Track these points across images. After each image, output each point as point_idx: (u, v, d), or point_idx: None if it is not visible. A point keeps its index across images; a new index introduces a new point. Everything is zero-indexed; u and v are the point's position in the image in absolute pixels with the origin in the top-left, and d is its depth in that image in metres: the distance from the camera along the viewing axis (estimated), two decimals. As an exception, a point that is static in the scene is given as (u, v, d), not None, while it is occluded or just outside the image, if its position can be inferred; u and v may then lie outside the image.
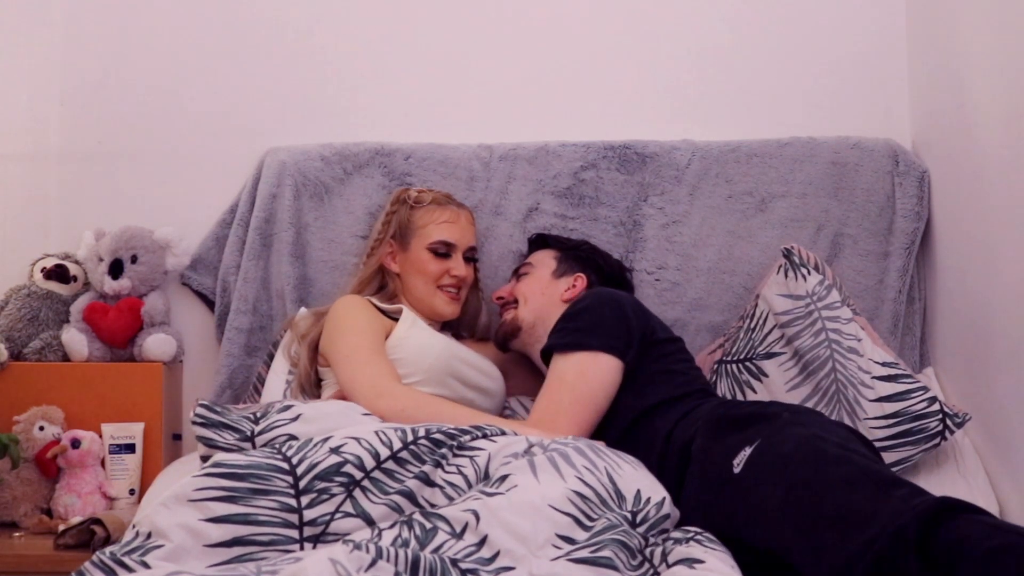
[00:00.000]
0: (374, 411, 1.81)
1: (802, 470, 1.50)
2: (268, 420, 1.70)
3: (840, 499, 1.42)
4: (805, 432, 1.60)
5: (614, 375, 1.95)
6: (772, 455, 1.57)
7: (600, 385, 1.93)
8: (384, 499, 1.48)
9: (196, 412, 1.69)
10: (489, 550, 1.37)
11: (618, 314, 1.99)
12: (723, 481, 1.62)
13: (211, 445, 1.66)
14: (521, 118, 2.55)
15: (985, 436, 2.11)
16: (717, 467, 1.64)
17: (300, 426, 1.68)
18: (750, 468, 1.58)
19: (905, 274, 2.38)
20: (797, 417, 1.72)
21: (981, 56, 2.13)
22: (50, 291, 2.40)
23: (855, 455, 1.54)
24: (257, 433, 1.67)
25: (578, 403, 1.91)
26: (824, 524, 1.40)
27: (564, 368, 1.95)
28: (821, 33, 2.54)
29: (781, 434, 1.62)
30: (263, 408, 1.77)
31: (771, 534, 1.50)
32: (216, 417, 1.69)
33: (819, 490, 1.46)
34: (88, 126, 2.55)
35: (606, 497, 1.51)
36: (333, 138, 2.50)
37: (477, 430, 1.64)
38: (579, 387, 1.92)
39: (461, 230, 2.24)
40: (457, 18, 2.59)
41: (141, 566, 1.32)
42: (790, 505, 1.47)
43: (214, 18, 2.57)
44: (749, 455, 1.60)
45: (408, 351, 2.04)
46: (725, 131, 2.50)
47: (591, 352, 1.94)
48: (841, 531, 1.37)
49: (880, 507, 1.36)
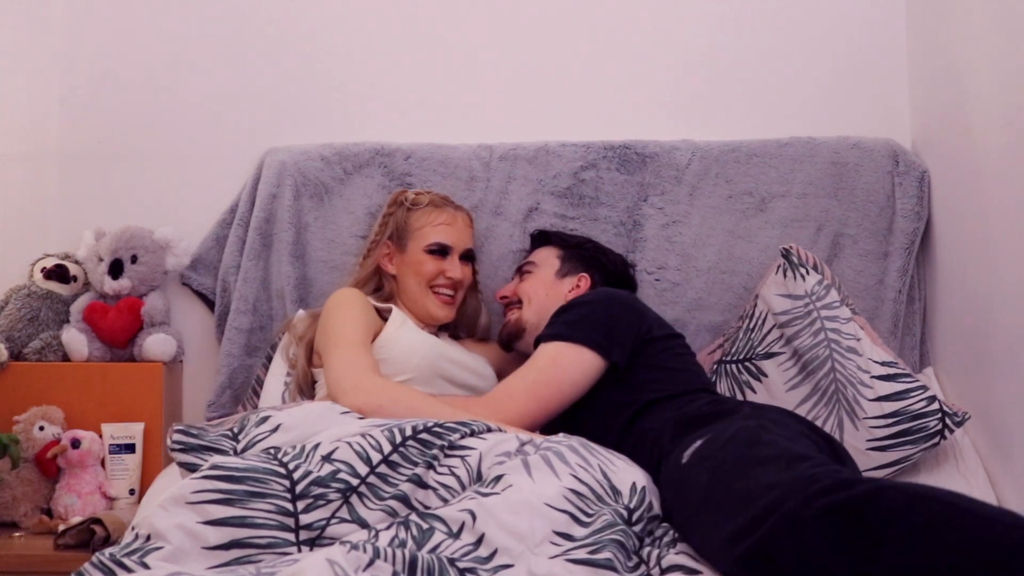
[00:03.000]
0: (351, 405, 1.80)
1: (731, 453, 1.49)
2: (248, 436, 1.69)
3: (752, 477, 1.39)
4: (752, 423, 1.59)
5: (589, 369, 1.95)
6: (712, 444, 1.57)
7: (568, 374, 1.93)
8: (380, 504, 1.49)
9: (173, 439, 1.65)
10: (487, 549, 1.37)
11: (610, 313, 2.00)
12: (674, 475, 1.62)
13: (193, 470, 1.58)
14: (521, 118, 2.55)
15: (985, 435, 2.11)
16: (673, 462, 1.64)
17: (281, 436, 1.67)
18: (694, 458, 1.58)
19: (905, 274, 2.38)
20: (756, 411, 1.72)
21: (981, 56, 2.13)
22: (50, 291, 2.40)
23: (791, 442, 1.51)
24: (239, 451, 1.66)
25: (541, 384, 1.92)
26: (730, 501, 1.38)
27: (540, 354, 1.97)
28: (821, 33, 2.54)
29: (729, 427, 1.61)
30: (238, 422, 1.75)
31: (691, 519, 1.49)
32: (194, 440, 1.67)
33: (737, 472, 1.43)
34: (88, 126, 2.56)
35: (601, 493, 1.52)
36: (333, 138, 2.50)
37: (464, 427, 1.65)
38: (547, 370, 1.93)
39: (458, 232, 2.24)
40: (457, 18, 2.59)
41: (141, 567, 1.32)
42: (709, 488, 1.46)
43: (214, 18, 2.58)
44: (697, 447, 1.60)
45: (395, 351, 2.04)
46: (725, 131, 2.50)
47: (570, 343, 1.95)
48: (742, 506, 1.33)
49: (782, 480, 1.32)
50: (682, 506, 1.54)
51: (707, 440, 1.60)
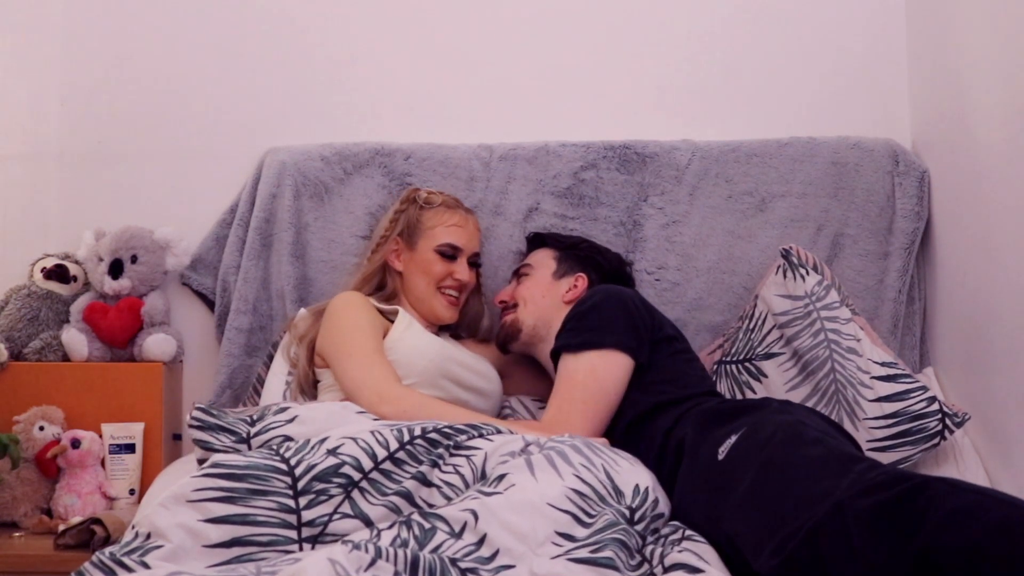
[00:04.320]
0: (377, 415, 1.81)
1: (777, 452, 1.49)
2: (264, 422, 1.70)
3: (804, 481, 1.40)
4: (789, 419, 1.60)
5: (624, 372, 1.94)
6: (753, 440, 1.57)
7: (612, 383, 1.92)
8: (382, 500, 1.48)
9: (193, 415, 1.68)
10: (488, 549, 1.37)
11: (626, 312, 1.99)
12: (709, 471, 1.61)
13: (207, 448, 1.65)
14: (521, 118, 2.55)
15: (985, 436, 2.11)
16: (704, 458, 1.64)
17: (296, 427, 1.68)
18: (732, 453, 1.58)
19: (905, 274, 2.38)
20: (785, 406, 1.73)
21: (981, 56, 2.13)
22: (50, 291, 2.40)
23: (832, 440, 1.54)
24: (253, 435, 1.66)
25: (590, 401, 1.90)
26: (788, 503, 1.38)
27: (575, 368, 1.94)
28: (821, 33, 2.54)
29: (764, 421, 1.61)
30: (259, 410, 1.76)
31: (738, 516, 1.48)
32: (212, 420, 1.68)
33: (789, 471, 1.44)
34: (88, 126, 2.56)
35: (604, 494, 1.52)
36: (333, 138, 2.50)
37: (473, 429, 1.64)
38: (590, 386, 1.91)
39: (468, 235, 2.25)
40: (457, 18, 2.59)
41: (141, 566, 1.32)
42: (758, 484, 1.46)
43: (214, 18, 2.57)
44: (733, 442, 1.59)
45: (402, 353, 2.04)
46: (725, 131, 2.50)
47: (602, 350, 1.93)
48: (800, 509, 1.34)
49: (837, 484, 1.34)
50: (720, 501, 1.52)
51: (744, 435, 1.59)
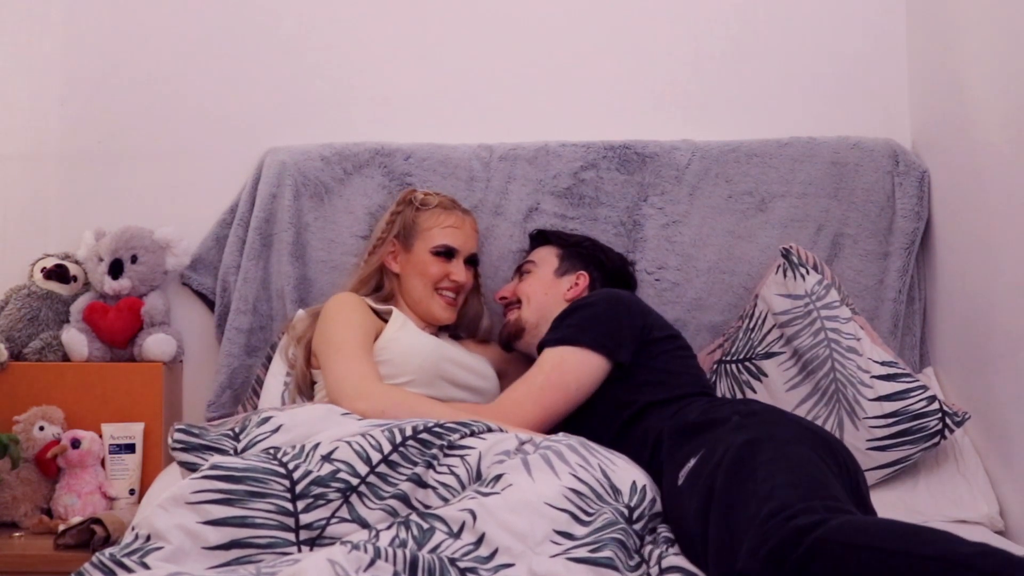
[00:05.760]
0: (353, 411, 1.81)
1: (719, 483, 1.47)
2: (249, 436, 1.69)
3: (731, 525, 1.38)
4: (741, 439, 1.54)
5: (595, 371, 1.95)
6: (704, 466, 1.55)
7: (574, 378, 1.94)
8: (380, 504, 1.49)
9: (174, 438, 1.66)
10: (487, 548, 1.37)
11: (613, 314, 2.00)
12: (672, 496, 1.63)
13: (194, 470, 1.58)
14: (521, 118, 2.55)
15: (985, 435, 2.11)
16: (669, 483, 1.65)
17: (281, 436, 1.68)
18: (690, 480, 1.58)
19: (905, 274, 2.38)
20: (745, 420, 1.67)
21: (981, 56, 2.13)
22: (50, 291, 2.40)
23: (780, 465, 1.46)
24: (240, 451, 1.66)
25: (547, 388, 1.93)
26: (719, 543, 1.38)
27: (546, 358, 1.97)
28: (821, 33, 2.54)
29: (717, 443, 1.58)
30: (239, 422, 1.75)
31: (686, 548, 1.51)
32: (195, 440, 1.67)
33: (721, 510, 1.42)
34: (88, 126, 2.55)
35: (602, 492, 1.52)
36: (333, 138, 2.50)
37: (464, 427, 1.65)
38: (552, 376, 1.94)
39: (465, 236, 2.25)
40: (457, 18, 2.59)
41: (141, 567, 1.32)
42: (700, 519, 1.47)
43: (214, 18, 2.57)
44: (691, 467, 1.59)
45: (396, 352, 2.04)
46: (725, 131, 2.50)
47: (576, 347, 1.96)
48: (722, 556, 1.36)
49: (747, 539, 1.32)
50: (678, 530, 1.56)
51: (701, 458, 1.59)
